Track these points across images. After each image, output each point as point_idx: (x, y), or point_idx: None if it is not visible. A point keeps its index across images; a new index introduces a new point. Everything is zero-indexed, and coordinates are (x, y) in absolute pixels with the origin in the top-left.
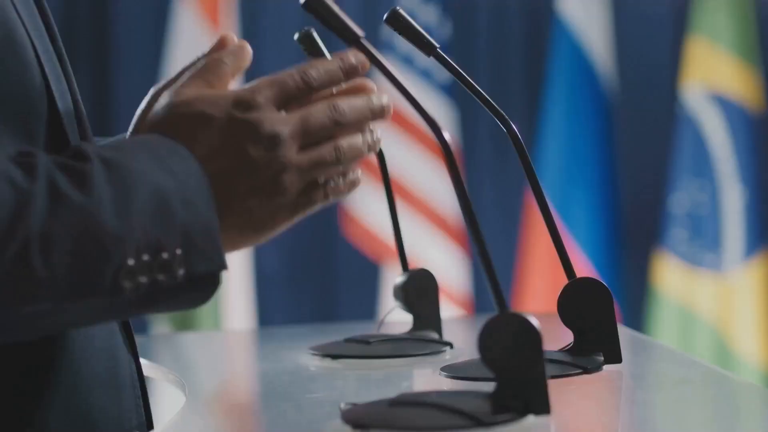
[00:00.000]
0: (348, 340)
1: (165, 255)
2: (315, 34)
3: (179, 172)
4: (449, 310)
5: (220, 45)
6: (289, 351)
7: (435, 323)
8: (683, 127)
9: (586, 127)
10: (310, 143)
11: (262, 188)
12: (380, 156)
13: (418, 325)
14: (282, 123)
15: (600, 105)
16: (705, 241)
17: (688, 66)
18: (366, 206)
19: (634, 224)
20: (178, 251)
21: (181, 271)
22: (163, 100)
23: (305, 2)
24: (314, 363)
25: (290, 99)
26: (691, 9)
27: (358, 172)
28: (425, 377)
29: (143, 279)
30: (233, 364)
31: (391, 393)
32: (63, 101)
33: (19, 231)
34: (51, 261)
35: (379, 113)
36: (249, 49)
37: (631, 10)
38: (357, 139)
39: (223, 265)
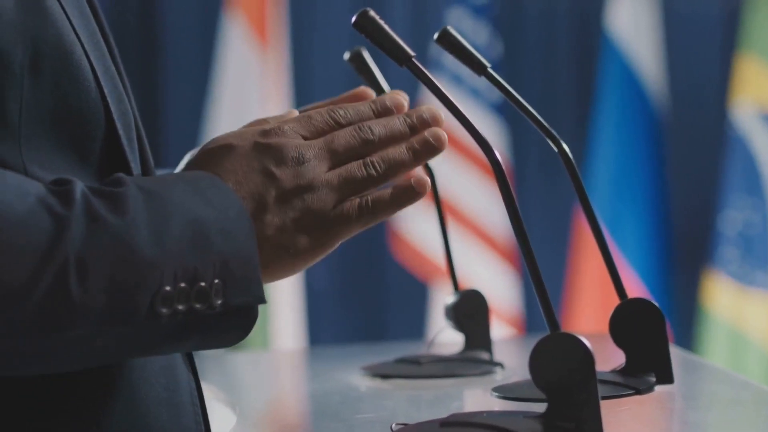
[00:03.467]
0: (399, 360)
1: (202, 284)
2: (366, 54)
3: (218, 203)
4: (500, 330)
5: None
6: (340, 371)
7: (486, 343)
8: (734, 146)
9: (637, 146)
10: (339, 163)
11: (292, 206)
12: (430, 175)
13: (469, 345)
14: (306, 146)
15: (650, 123)
16: (756, 261)
17: (739, 84)
18: (414, 226)
19: (685, 243)
20: (216, 281)
21: (218, 301)
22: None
23: (355, 21)
24: (365, 383)
25: (316, 133)
26: (741, 26)
27: (409, 192)
28: (476, 398)
29: (180, 306)
30: (283, 384)
31: (441, 413)
32: (123, 122)
33: (57, 256)
34: (88, 285)
35: (419, 124)
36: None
37: (681, 27)
38: (391, 152)
39: (261, 298)
